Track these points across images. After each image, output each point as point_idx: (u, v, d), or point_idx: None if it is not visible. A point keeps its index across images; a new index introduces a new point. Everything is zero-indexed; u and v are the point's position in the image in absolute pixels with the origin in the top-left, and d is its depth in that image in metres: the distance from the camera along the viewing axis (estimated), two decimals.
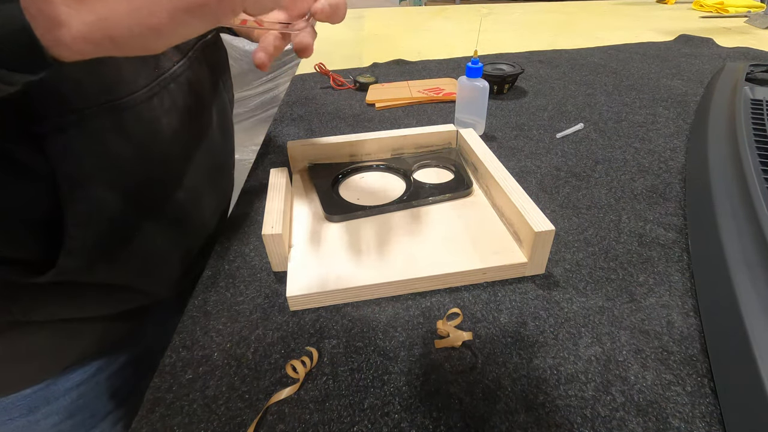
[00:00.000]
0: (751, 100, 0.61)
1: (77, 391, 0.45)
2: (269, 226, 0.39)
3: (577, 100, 0.76)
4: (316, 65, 0.87)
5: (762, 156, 0.46)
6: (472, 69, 0.59)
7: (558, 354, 0.33)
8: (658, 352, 0.32)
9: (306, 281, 0.38)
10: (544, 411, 0.29)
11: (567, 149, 0.60)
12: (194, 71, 0.43)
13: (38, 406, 0.43)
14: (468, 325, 0.35)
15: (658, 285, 0.38)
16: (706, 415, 0.28)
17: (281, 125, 0.71)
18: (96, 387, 0.46)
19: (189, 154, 0.43)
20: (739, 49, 1.00)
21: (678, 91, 0.78)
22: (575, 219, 0.46)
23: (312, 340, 0.35)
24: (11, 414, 0.42)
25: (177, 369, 0.33)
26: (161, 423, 0.29)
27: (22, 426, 0.43)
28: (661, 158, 0.57)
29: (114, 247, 0.37)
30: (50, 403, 0.43)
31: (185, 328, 0.36)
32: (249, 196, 0.53)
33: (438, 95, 0.79)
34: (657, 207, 0.48)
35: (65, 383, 0.44)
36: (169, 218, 0.42)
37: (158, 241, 0.41)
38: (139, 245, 0.39)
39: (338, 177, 0.52)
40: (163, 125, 0.38)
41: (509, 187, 0.42)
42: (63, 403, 0.44)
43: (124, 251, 0.38)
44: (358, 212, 0.46)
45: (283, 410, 0.30)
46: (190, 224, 0.45)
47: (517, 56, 1.01)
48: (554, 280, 0.39)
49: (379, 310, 0.37)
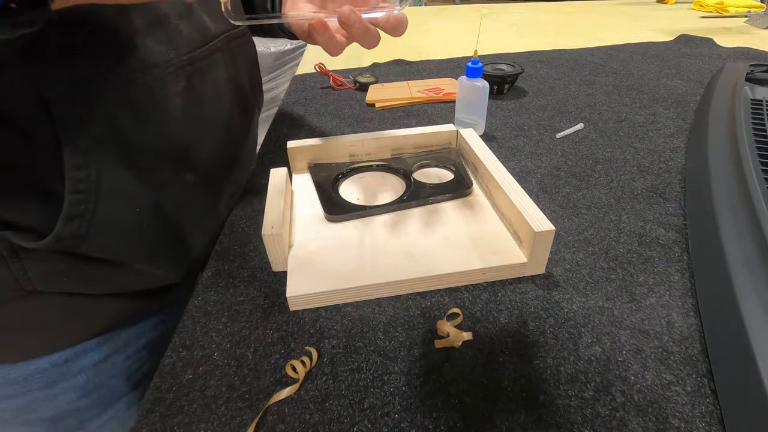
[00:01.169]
0: (751, 100, 0.61)
1: (93, 370, 0.45)
2: (269, 226, 0.39)
3: (577, 100, 0.76)
4: (316, 65, 0.87)
5: (762, 156, 0.46)
6: (472, 69, 0.59)
7: (558, 354, 0.33)
8: (658, 352, 0.32)
9: (306, 281, 0.38)
10: (544, 411, 0.29)
11: (567, 149, 0.60)
12: (216, 60, 0.44)
13: (56, 380, 0.44)
14: (468, 325, 0.35)
15: (658, 285, 0.38)
16: (706, 415, 0.28)
17: (281, 125, 0.71)
18: (113, 367, 0.47)
19: (202, 140, 0.43)
20: (739, 49, 1.00)
21: (678, 91, 0.78)
22: (575, 219, 0.46)
23: (312, 340, 0.35)
24: (30, 386, 0.43)
25: (177, 369, 0.33)
26: (161, 423, 0.29)
27: (40, 399, 0.44)
28: (661, 158, 0.57)
29: (113, 219, 0.37)
30: (67, 379, 0.44)
31: (185, 328, 0.36)
32: (249, 196, 0.53)
33: (438, 95, 0.79)
34: (657, 207, 0.48)
35: (83, 361, 0.44)
36: (175, 200, 0.42)
37: (161, 221, 0.41)
38: (140, 222, 0.39)
39: (338, 177, 0.52)
40: (176, 105, 0.39)
41: (509, 187, 0.42)
42: (80, 381, 0.45)
43: (124, 226, 0.38)
44: (358, 212, 0.46)
45: (283, 410, 0.30)
46: (198, 210, 0.45)
47: (517, 56, 1.01)
48: (554, 280, 0.39)
49: (379, 310, 0.37)
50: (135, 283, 0.44)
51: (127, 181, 0.37)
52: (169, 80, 0.37)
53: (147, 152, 0.38)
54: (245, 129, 0.54)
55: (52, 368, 0.43)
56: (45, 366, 0.43)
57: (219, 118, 0.46)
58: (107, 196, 0.35)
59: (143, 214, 0.39)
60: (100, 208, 0.35)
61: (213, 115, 0.44)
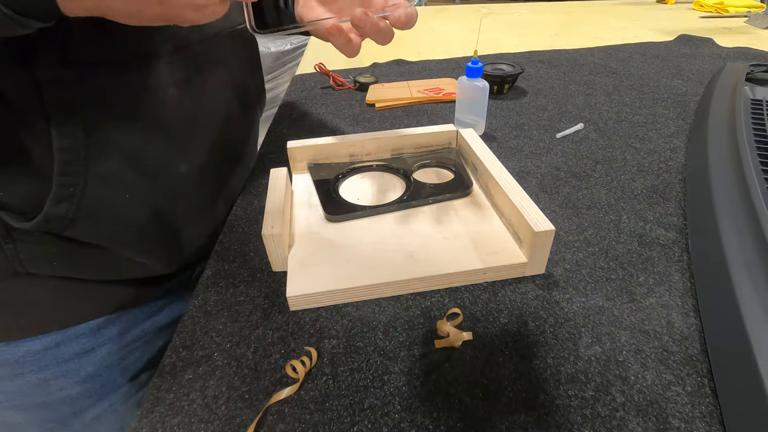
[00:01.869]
0: (751, 100, 0.61)
1: (86, 357, 0.46)
2: (269, 226, 0.39)
3: (577, 100, 0.76)
4: (316, 65, 0.87)
5: (762, 156, 0.46)
6: (472, 69, 0.59)
7: (558, 354, 0.33)
8: (658, 352, 0.32)
9: (306, 281, 0.38)
10: (544, 411, 0.29)
11: (567, 149, 0.60)
12: (215, 55, 0.44)
13: (47, 365, 0.44)
14: (468, 325, 0.35)
15: (658, 285, 0.38)
16: (706, 415, 0.28)
17: (281, 125, 0.71)
18: (107, 357, 0.47)
19: (197, 132, 0.43)
20: (739, 49, 1.00)
21: (678, 91, 0.78)
22: (575, 219, 0.46)
23: (312, 340, 0.35)
24: (22, 369, 0.43)
25: (177, 369, 0.33)
26: (161, 423, 0.29)
27: (32, 383, 0.44)
28: (661, 158, 0.57)
29: (102, 204, 0.37)
30: (59, 364, 0.44)
31: (185, 328, 0.36)
32: (249, 196, 0.53)
33: (438, 95, 0.79)
34: (657, 207, 0.48)
35: (75, 346, 0.45)
36: (167, 189, 0.42)
37: (152, 209, 0.41)
38: (130, 209, 0.39)
39: (338, 177, 0.52)
40: (171, 96, 0.39)
41: (509, 187, 0.42)
42: (72, 367, 0.45)
43: (113, 211, 0.38)
44: (358, 212, 0.46)
45: (283, 410, 0.30)
46: (192, 203, 0.45)
47: (517, 56, 1.01)
48: (554, 280, 0.39)
49: (379, 310, 0.37)
50: (125, 271, 0.44)
51: (117, 166, 0.37)
52: (164, 70, 0.38)
53: (139, 139, 0.38)
54: (245, 126, 0.54)
55: (44, 351, 0.43)
56: (36, 348, 0.43)
57: (216, 113, 0.46)
58: (96, 180, 0.36)
59: (133, 200, 0.39)
60: (89, 191, 0.36)
61: (210, 109, 0.44)
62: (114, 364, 0.48)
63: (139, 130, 0.37)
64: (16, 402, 0.45)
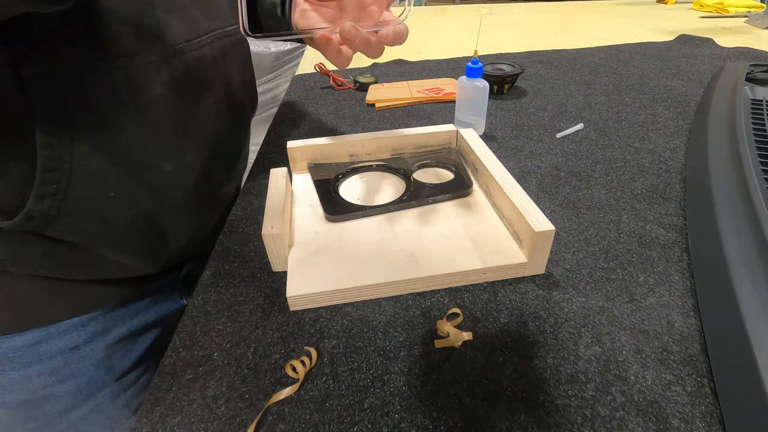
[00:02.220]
0: (751, 100, 0.61)
1: (70, 354, 0.45)
2: (269, 226, 0.39)
3: (577, 100, 0.76)
4: (316, 65, 0.87)
5: (762, 156, 0.46)
6: (472, 69, 0.59)
7: (558, 354, 0.33)
8: (658, 352, 0.32)
9: (306, 281, 0.38)
10: (544, 411, 0.29)
11: (567, 149, 0.60)
12: (204, 55, 0.44)
13: (30, 362, 0.44)
14: (468, 325, 0.35)
15: (658, 285, 0.38)
16: (706, 415, 0.28)
17: (281, 125, 0.71)
18: (92, 354, 0.47)
19: (183, 132, 0.43)
20: (739, 49, 1.00)
21: (678, 91, 0.78)
22: (575, 219, 0.46)
23: (312, 340, 0.35)
24: (4, 365, 0.43)
25: (177, 369, 0.33)
26: (161, 423, 0.29)
27: (14, 380, 0.44)
28: (661, 158, 0.57)
29: (86, 201, 0.37)
30: (42, 361, 0.44)
31: (185, 328, 0.36)
32: (249, 196, 0.53)
33: (438, 95, 0.79)
34: (657, 207, 0.48)
35: (58, 343, 0.44)
36: (152, 188, 0.41)
37: (137, 208, 0.41)
38: (114, 207, 0.39)
39: (338, 177, 0.52)
40: (157, 95, 0.39)
41: (509, 187, 0.42)
42: (55, 364, 0.45)
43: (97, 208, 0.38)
44: (358, 212, 0.46)
45: (283, 410, 0.30)
46: (178, 202, 0.45)
47: (517, 56, 1.01)
48: (554, 280, 0.39)
49: (379, 310, 0.37)
50: (109, 270, 0.44)
51: (101, 164, 0.36)
52: (151, 69, 0.38)
53: (124, 137, 0.38)
54: (235, 127, 0.53)
55: (26, 348, 0.43)
56: (18, 345, 0.43)
57: (204, 113, 0.45)
58: (80, 178, 0.35)
59: (118, 198, 0.39)
60: (73, 188, 0.35)
61: (198, 109, 0.44)
62: (99, 363, 0.48)
63: (124, 128, 0.37)
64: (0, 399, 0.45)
